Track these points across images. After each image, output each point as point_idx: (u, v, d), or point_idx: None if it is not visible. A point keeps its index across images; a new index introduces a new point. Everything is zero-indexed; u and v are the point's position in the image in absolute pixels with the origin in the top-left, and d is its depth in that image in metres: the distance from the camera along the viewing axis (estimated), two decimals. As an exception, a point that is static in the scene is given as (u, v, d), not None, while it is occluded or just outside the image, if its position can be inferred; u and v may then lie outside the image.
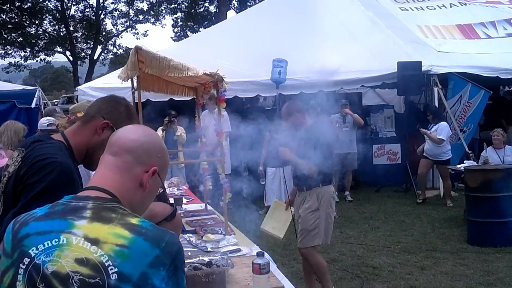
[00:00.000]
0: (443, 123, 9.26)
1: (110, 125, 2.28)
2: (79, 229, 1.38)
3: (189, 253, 3.15)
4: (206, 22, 32.90)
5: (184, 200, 5.29)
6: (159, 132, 9.28)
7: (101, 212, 1.42)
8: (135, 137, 1.60)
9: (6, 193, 2.15)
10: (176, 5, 35.39)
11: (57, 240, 1.37)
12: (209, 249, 3.40)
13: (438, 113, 9.63)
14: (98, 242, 1.36)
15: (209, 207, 5.00)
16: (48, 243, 1.38)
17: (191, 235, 3.76)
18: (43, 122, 5.56)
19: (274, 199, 5.04)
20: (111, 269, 1.33)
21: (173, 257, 1.40)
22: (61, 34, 34.70)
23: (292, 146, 4.90)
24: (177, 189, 6.16)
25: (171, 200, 4.89)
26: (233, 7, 32.96)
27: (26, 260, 1.37)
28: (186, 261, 2.85)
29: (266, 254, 2.87)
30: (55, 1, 33.29)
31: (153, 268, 1.36)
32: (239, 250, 3.47)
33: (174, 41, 33.02)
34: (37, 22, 33.01)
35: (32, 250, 1.38)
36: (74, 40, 34.85)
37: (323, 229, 4.84)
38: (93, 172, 2.08)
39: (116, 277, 1.33)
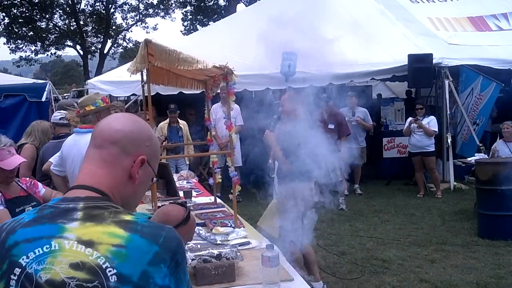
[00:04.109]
0: (433, 117, 9.54)
1: None
2: (71, 232, 1.30)
3: (199, 246, 3.16)
4: (215, 16, 32.82)
5: (194, 193, 5.31)
6: (165, 126, 9.31)
7: (93, 212, 1.34)
8: (120, 127, 1.48)
9: None
10: (185, -1, 35.37)
11: (48, 246, 1.29)
12: (218, 242, 3.41)
13: (428, 107, 9.93)
14: (93, 243, 1.28)
15: (218, 200, 5.02)
16: (39, 250, 1.29)
17: (200, 227, 3.77)
18: (56, 115, 5.60)
19: (273, 199, 4.96)
20: (110, 271, 1.26)
21: (173, 253, 1.33)
22: (72, 28, 34.78)
23: (282, 136, 4.84)
24: (187, 182, 6.19)
25: (181, 193, 4.91)
26: (242, 0, 32.85)
27: (17, 271, 1.29)
28: (195, 253, 2.87)
29: (275, 247, 2.87)
30: (65, -5, 33.43)
31: (153, 265, 1.29)
32: (249, 243, 3.47)
33: (184, 35, 32.99)
34: (47, 16, 33.11)
35: (23, 259, 1.29)
36: (84, 34, 34.90)
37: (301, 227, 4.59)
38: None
39: (116, 279, 1.26)
